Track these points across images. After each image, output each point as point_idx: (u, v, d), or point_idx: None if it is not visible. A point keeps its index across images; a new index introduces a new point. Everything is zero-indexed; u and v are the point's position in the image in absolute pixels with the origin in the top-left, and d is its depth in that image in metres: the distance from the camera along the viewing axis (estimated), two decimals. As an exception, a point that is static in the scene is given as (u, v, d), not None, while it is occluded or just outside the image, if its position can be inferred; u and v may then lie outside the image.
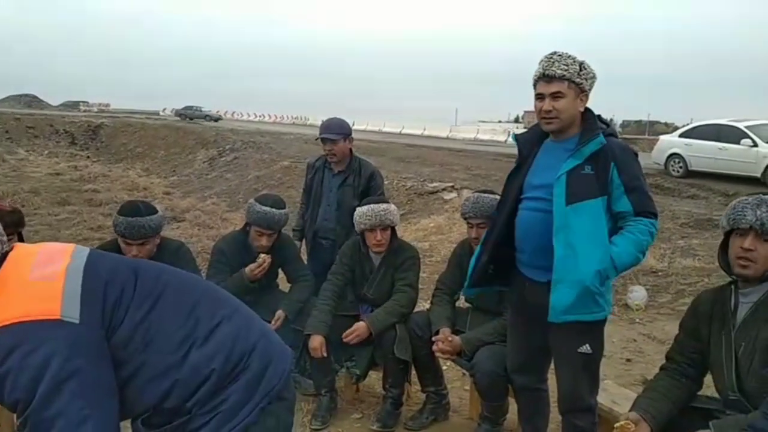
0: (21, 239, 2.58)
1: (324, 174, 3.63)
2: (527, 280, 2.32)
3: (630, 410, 1.99)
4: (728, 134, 11.91)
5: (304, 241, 3.73)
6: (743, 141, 11.52)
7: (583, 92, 2.19)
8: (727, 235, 1.96)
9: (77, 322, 1.23)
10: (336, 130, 3.51)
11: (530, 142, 2.36)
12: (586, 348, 2.24)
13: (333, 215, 3.56)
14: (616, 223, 2.20)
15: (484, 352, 2.72)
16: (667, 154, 12.78)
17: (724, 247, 1.98)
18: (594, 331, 2.25)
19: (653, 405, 1.97)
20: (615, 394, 2.66)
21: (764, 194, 1.91)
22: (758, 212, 1.85)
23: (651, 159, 12.77)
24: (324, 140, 3.51)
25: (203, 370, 1.34)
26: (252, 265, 3.12)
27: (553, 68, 2.14)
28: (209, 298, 1.48)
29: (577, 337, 2.22)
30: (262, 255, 3.14)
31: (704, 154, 12.14)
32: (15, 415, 1.29)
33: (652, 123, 44.22)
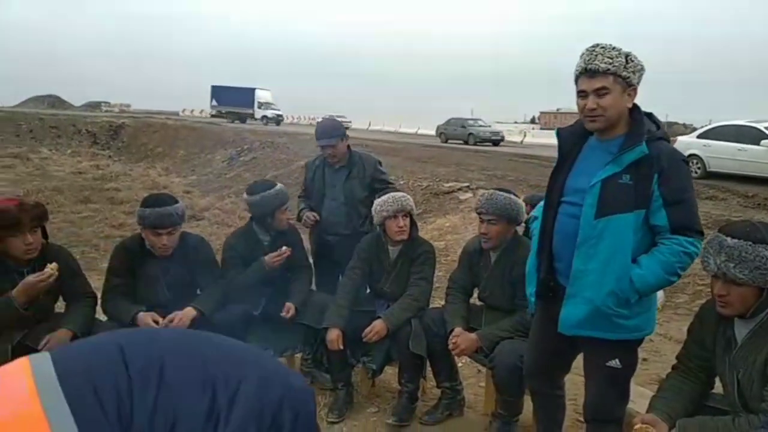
0: (44, 233, 2.70)
1: (324, 171, 3.63)
2: (558, 286, 2.18)
3: (646, 412, 1.99)
4: (748, 135, 11.76)
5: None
6: (763, 142, 11.36)
7: (630, 86, 1.99)
8: None
9: None
10: (332, 134, 3.53)
11: (573, 137, 2.18)
12: (615, 362, 2.12)
13: (341, 210, 3.57)
14: (654, 237, 2.04)
15: (505, 345, 2.72)
16: (685, 156, 12.64)
17: None
18: (626, 346, 2.13)
19: (668, 404, 1.97)
20: (631, 392, 2.68)
21: (725, 234, 1.84)
22: (718, 260, 1.81)
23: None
24: (323, 146, 3.54)
25: None
26: (272, 254, 3.18)
27: (596, 62, 1.95)
28: (216, 354, 1.18)
29: (606, 350, 2.12)
30: (284, 247, 3.21)
31: (723, 155, 11.99)
32: None
33: (671, 124, 43.61)
